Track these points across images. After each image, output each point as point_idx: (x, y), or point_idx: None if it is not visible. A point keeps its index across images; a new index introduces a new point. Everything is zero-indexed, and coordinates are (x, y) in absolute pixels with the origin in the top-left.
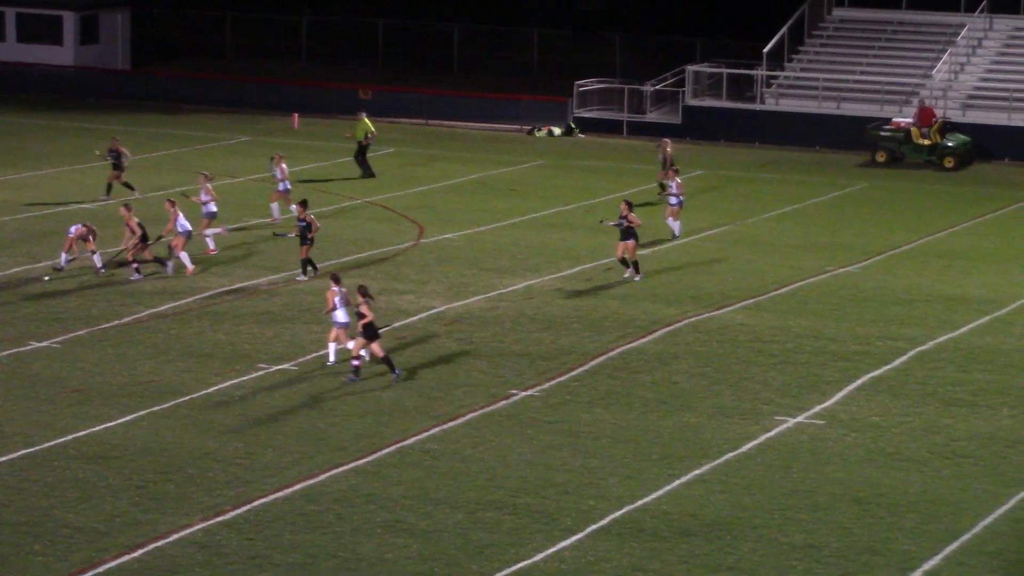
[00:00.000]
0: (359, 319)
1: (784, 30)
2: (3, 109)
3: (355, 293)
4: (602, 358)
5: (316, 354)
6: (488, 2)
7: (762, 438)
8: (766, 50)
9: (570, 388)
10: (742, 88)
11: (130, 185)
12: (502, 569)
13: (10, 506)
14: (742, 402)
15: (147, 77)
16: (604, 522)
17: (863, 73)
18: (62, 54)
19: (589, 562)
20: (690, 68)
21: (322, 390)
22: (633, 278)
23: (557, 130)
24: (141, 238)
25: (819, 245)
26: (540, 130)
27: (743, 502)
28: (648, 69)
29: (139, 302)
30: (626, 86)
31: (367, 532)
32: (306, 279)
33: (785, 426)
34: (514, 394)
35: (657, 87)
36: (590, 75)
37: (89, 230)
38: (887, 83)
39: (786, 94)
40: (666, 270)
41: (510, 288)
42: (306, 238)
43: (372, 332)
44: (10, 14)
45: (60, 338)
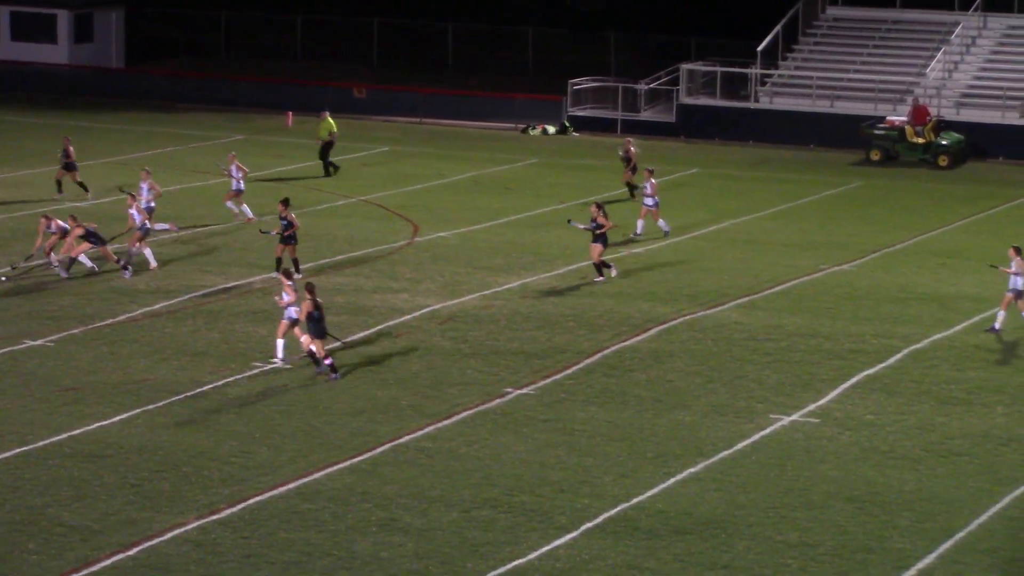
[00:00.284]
0: (308, 316)
1: (778, 28)
2: None
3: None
4: (597, 356)
5: None
6: (483, 1)
7: (757, 436)
8: (760, 48)
9: (565, 386)
10: (736, 87)
11: (84, 185)
12: (497, 567)
13: (5, 505)
14: (737, 400)
15: (141, 76)
16: (599, 520)
17: (857, 72)
18: (56, 53)
19: (584, 560)
20: (684, 67)
21: (317, 388)
22: (595, 279)
23: (551, 129)
24: (80, 237)
25: (813, 243)
26: (534, 128)
27: (738, 500)
28: (643, 68)
29: (133, 300)
30: (620, 84)
31: (362, 530)
32: (300, 276)
33: (780, 424)
34: (509, 392)
35: (651, 86)
36: (585, 74)
37: (60, 229)
38: (881, 81)
39: (780, 93)
40: (661, 268)
41: (505, 286)
42: (287, 238)
43: (318, 329)
44: (4, 12)
45: (54, 336)
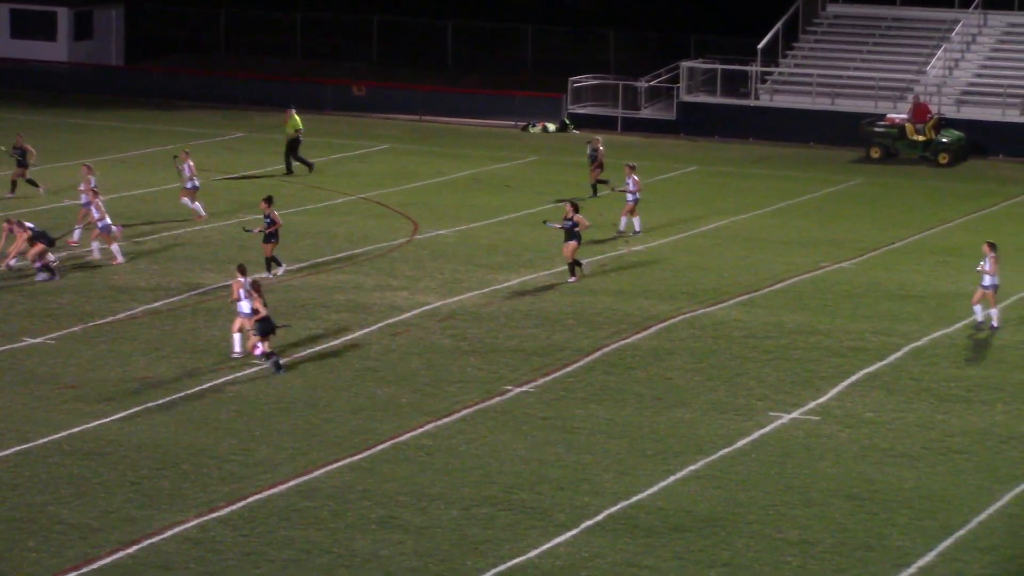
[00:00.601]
0: (253, 314)
1: (779, 26)
2: None
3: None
4: (597, 354)
5: (310, 350)
6: None
7: (756, 434)
8: (760, 46)
9: (564, 384)
10: (736, 84)
11: (34, 182)
12: (497, 565)
13: (4, 502)
14: (736, 398)
15: (141, 73)
16: (599, 518)
17: (857, 69)
18: (56, 50)
19: (583, 558)
20: (684, 64)
21: (316, 386)
22: (569, 279)
23: (551, 126)
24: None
25: (813, 241)
26: (534, 126)
27: (737, 498)
28: (642, 65)
29: (134, 298)
30: (620, 82)
31: (362, 528)
32: (272, 277)
33: (779, 422)
34: (508, 390)
35: (651, 83)
36: (585, 72)
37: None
38: (882, 79)
39: (780, 90)
40: (660, 266)
41: (504, 284)
42: (269, 235)
43: (267, 327)
44: (3, 10)
45: (55, 334)
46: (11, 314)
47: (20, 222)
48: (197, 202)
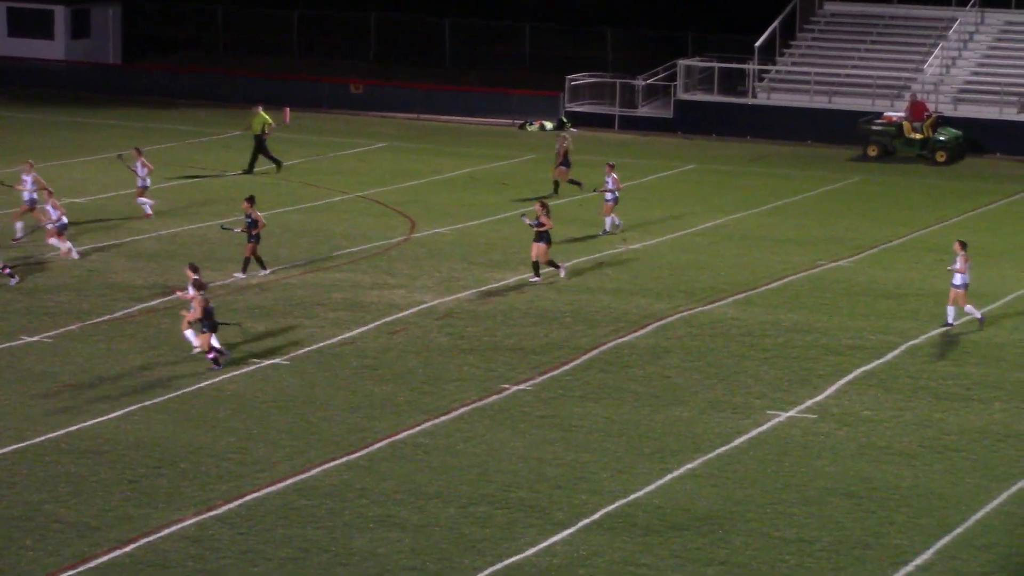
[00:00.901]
0: (204, 313)
1: (776, 24)
2: None
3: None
4: (594, 352)
5: (307, 348)
6: None
7: (754, 432)
8: (758, 44)
9: (562, 382)
10: (734, 82)
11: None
12: (494, 563)
13: (1, 501)
14: (734, 396)
15: (138, 72)
16: (596, 516)
17: (855, 67)
18: (53, 48)
19: (581, 556)
20: (681, 62)
21: (314, 384)
22: (531, 279)
23: (549, 124)
24: None
25: (811, 239)
26: (532, 124)
27: (735, 496)
28: (640, 63)
29: (131, 296)
30: (618, 80)
31: (359, 527)
32: (244, 277)
33: (777, 420)
34: (506, 388)
35: (649, 81)
36: (582, 70)
37: None
38: (879, 77)
39: (778, 88)
40: (658, 264)
41: (502, 282)
42: (251, 234)
43: (211, 323)
44: (1, 8)
45: (52, 333)
46: (8, 312)
47: None
48: (144, 198)
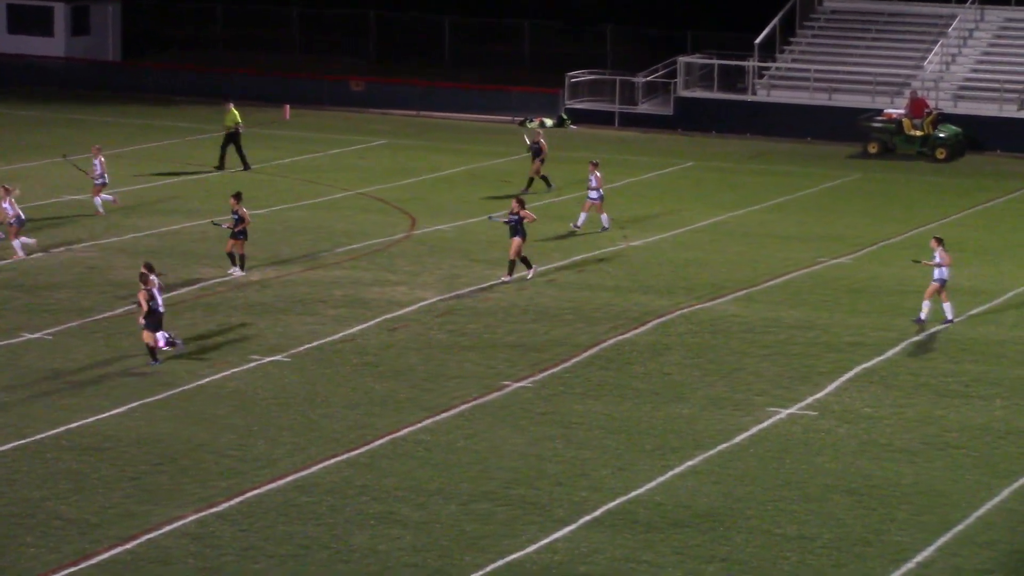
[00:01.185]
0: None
1: (775, 21)
2: None
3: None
4: (595, 349)
5: (308, 345)
6: None
7: (755, 429)
8: (757, 41)
9: (563, 379)
10: (734, 79)
11: None
12: (495, 560)
13: (2, 498)
14: (735, 393)
15: (138, 69)
16: (597, 513)
17: (855, 64)
18: (53, 45)
19: (582, 553)
20: (682, 59)
21: (314, 381)
22: (526, 275)
23: (549, 121)
24: None
25: (811, 236)
26: (532, 121)
27: (736, 493)
28: (639, 60)
29: (131, 293)
30: (617, 77)
31: (360, 523)
32: (242, 274)
33: (778, 417)
34: (506, 385)
35: (649, 78)
36: (581, 67)
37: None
38: (879, 74)
39: (778, 85)
40: (658, 261)
41: (502, 279)
42: (237, 232)
43: (156, 323)
44: (1, 5)
45: (52, 330)
46: (9, 309)
47: None
48: (99, 197)
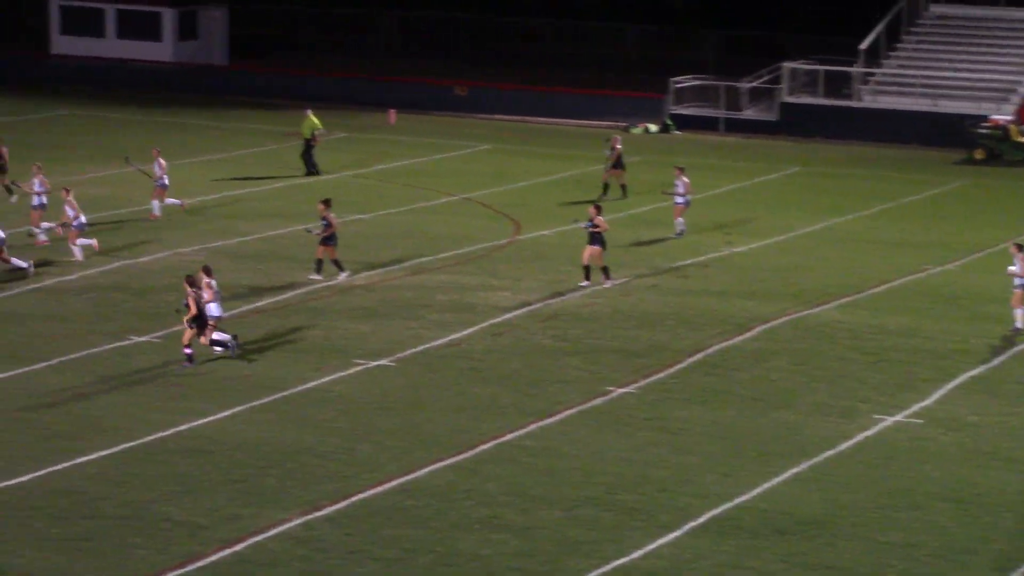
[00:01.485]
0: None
1: (881, 27)
2: (102, 104)
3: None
4: (699, 355)
5: (413, 350)
6: None
7: (859, 436)
8: (863, 47)
9: (666, 385)
10: (839, 85)
11: (10, 189)
12: (600, 566)
13: (111, 499)
14: (839, 400)
15: (244, 73)
16: (702, 519)
17: (960, 70)
18: (161, 50)
19: (686, 559)
20: (787, 65)
21: (418, 385)
22: (603, 283)
23: (653, 127)
24: None
25: (916, 243)
26: (637, 127)
27: (840, 500)
28: (744, 66)
29: (236, 296)
30: (722, 83)
31: (464, 527)
32: (320, 278)
33: (883, 425)
34: (610, 391)
35: (753, 84)
36: (686, 72)
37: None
38: (985, 80)
39: (883, 91)
40: (763, 267)
41: (606, 284)
42: (326, 237)
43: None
44: (110, 10)
45: (160, 333)
46: (119, 312)
47: None
48: (158, 201)
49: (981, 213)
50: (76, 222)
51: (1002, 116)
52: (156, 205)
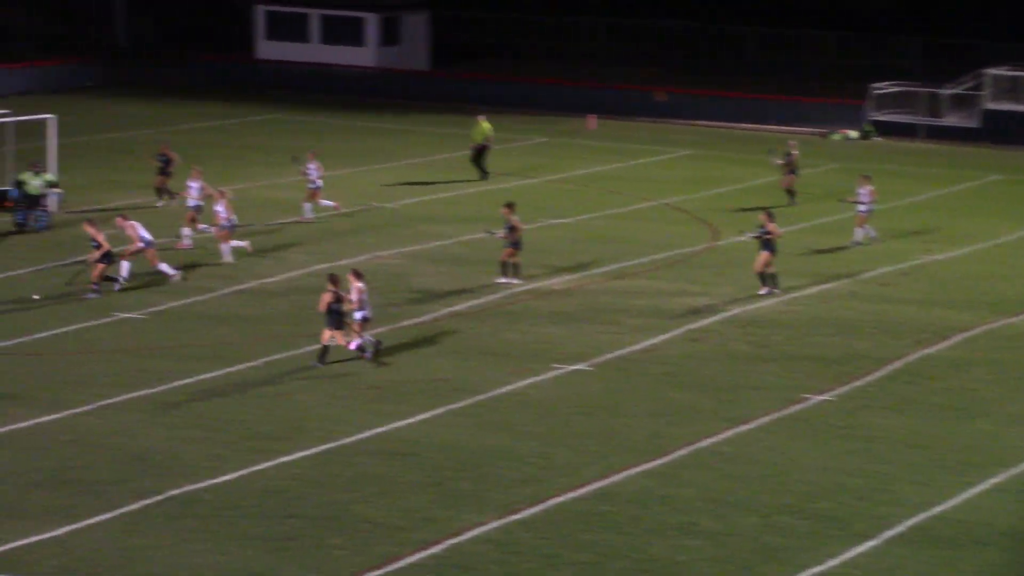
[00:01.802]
0: (327, 309)
1: None
2: (305, 109)
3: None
4: (898, 363)
5: (610, 355)
6: (779, 5)
7: None
8: None
9: (865, 393)
10: None
11: (170, 193)
12: (795, 573)
13: (310, 499)
14: None
15: (445, 79)
16: (899, 529)
17: None
18: (364, 55)
19: (883, 569)
20: (990, 71)
21: (615, 390)
22: (773, 291)
23: (853, 134)
24: (104, 256)
25: None
26: (836, 133)
27: None
28: (944, 72)
29: (438, 300)
30: (923, 89)
31: (659, 533)
32: (506, 281)
33: None
34: (808, 398)
35: (955, 91)
36: (883, 78)
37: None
38: None
39: None
40: (962, 276)
41: (804, 291)
42: (514, 243)
43: (336, 321)
44: (315, 16)
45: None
46: (318, 314)
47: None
48: (307, 203)
49: None
50: (227, 223)
51: None
52: (307, 207)
